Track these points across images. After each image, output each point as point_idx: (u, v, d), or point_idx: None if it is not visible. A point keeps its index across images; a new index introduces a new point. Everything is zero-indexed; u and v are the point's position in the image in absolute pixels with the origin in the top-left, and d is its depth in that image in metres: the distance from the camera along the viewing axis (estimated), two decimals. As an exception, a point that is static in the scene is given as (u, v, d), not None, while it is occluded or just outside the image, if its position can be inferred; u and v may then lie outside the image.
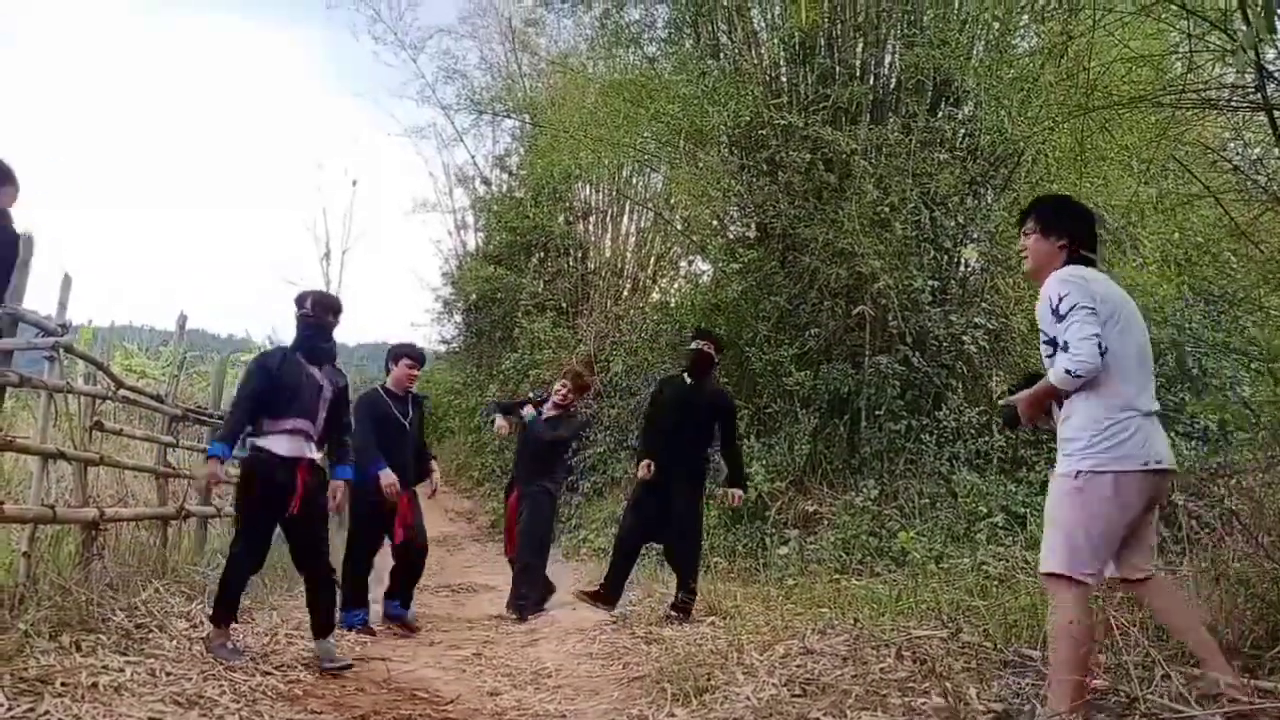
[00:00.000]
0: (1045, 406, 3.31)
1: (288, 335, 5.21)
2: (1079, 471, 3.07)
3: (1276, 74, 4.19)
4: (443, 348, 24.31)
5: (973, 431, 9.21)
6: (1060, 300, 3.13)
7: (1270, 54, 4.21)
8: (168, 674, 4.06)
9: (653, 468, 6.53)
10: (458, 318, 23.29)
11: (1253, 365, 4.59)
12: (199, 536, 7.28)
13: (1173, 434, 8.80)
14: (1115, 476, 3.03)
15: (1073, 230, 3.39)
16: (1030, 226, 3.46)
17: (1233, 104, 4.75)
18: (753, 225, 11.97)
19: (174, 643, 4.60)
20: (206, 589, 5.81)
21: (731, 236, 12.69)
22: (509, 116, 20.23)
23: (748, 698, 3.74)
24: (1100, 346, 3.04)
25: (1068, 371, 3.06)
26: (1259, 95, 4.28)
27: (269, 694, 4.07)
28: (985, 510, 8.05)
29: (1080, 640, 2.99)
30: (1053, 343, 3.16)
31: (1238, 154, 5.37)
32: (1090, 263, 3.36)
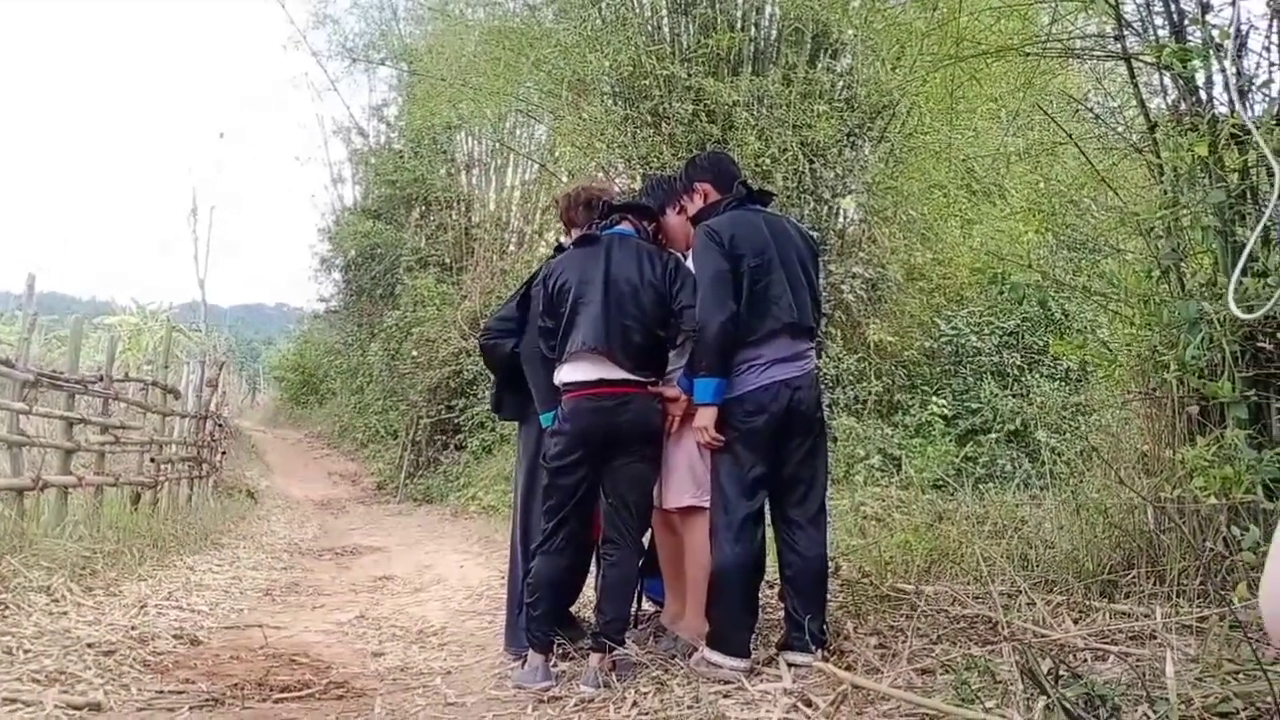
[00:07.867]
0: None
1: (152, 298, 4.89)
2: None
3: (1135, 25, 4.33)
4: (321, 306, 23.61)
5: (851, 378, 9.45)
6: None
7: (1129, 6, 4.34)
8: (26, 651, 3.84)
9: None
10: (336, 275, 22.59)
11: (1111, 308, 4.79)
12: (58, 509, 6.88)
13: (1037, 374, 9.24)
14: None
15: (656, 196, 3.88)
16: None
17: (1094, 54, 4.90)
18: (637, 177, 11.89)
19: (32, 619, 4.36)
20: (69, 562, 5.51)
21: (617, 189, 12.58)
22: (384, 64, 19.56)
23: (632, 640, 3.77)
24: None
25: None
26: (1118, 45, 4.42)
27: (136, 666, 3.89)
28: (863, 453, 8.30)
29: None
30: None
31: (1098, 103, 5.56)
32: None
